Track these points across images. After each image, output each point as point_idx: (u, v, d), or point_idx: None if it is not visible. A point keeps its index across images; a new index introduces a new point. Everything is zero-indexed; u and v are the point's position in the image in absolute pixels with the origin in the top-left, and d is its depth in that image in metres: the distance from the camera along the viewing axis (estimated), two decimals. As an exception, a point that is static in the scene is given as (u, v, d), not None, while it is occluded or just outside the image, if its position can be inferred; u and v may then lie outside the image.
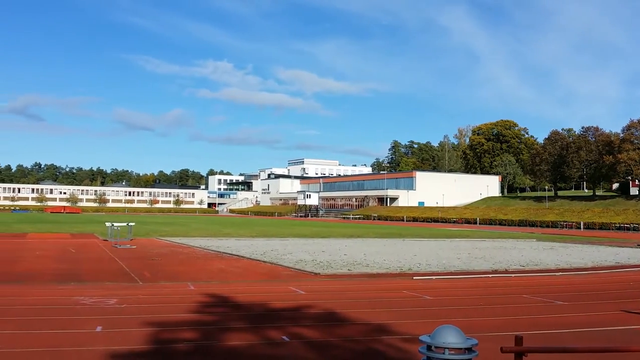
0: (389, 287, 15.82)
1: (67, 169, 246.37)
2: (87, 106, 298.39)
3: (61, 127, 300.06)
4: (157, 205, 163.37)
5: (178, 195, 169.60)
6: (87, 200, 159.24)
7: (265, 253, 25.35)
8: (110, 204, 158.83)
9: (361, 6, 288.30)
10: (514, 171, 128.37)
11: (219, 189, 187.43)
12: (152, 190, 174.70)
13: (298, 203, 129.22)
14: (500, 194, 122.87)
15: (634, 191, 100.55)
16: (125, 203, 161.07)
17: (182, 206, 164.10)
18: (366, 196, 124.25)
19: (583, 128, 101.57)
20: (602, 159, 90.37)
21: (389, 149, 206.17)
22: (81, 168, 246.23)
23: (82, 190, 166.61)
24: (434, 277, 17.82)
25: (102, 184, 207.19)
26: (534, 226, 72.63)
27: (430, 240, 39.11)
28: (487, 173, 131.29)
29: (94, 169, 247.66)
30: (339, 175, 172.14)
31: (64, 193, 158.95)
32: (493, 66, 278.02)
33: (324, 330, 9.85)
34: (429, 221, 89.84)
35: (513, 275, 19.09)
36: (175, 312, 11.41)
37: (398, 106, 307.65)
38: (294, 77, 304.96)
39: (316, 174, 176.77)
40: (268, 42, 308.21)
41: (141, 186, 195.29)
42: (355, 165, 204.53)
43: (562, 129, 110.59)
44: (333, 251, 26.87)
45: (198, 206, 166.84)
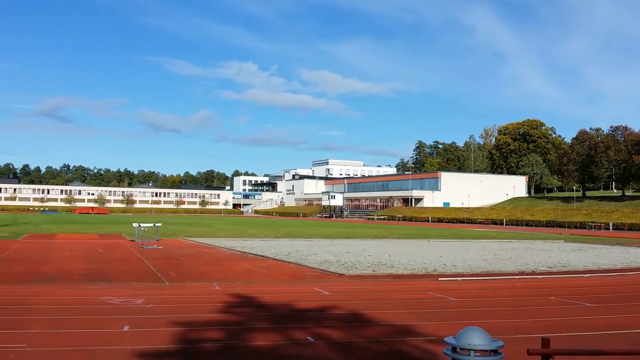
0: (414, 288, 15.76)
1: (95, 170, 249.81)
2: (115, 108, 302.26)
3: (89, 129, 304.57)
4: (183, 206, 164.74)
5: (204, 196, 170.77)
6: (115, 201, 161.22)
7: (289, 254, 25.42)
8: (137, 205, 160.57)
9: (384, 6, 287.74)
10: (541, 171, 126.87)
11: (244, 190, 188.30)
12: (178, 191, 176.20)
13: (322, 204, 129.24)
14: (527, 195, 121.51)
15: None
16: (151, 204, 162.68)
17: (208, 207, 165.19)
18: (391, 197, 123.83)
19: (612, 127, 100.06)
20: (632, 159, 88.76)
21: (414, 150, 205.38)
22: (109, 169, 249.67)
23: (110, 191, 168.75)
24: (460, 279, 17.70)
25: (130, 185, 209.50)
26: (562, 227, 71.65)
27: (455, 241, 38.84)
28: (514, 173, 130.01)
29: (122, 170, 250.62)
30: (364, 175, 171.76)
31: (92, 194, 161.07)
32: (519, 65, 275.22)
33: (349, 331, 9.85)
34: (454, 222, 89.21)
35: (540, 276, 18.87)
36: (201, 312, 11.50)
37: (423, 106, 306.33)
38: (318, 78, 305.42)
39: (340, 175, 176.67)
40: (292, 44, 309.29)
41: (167, 187, 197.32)
42: (379, 165, 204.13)
43: (590, 129, 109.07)
44: (358, 252, 26.84)
45: (223, 207, 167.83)
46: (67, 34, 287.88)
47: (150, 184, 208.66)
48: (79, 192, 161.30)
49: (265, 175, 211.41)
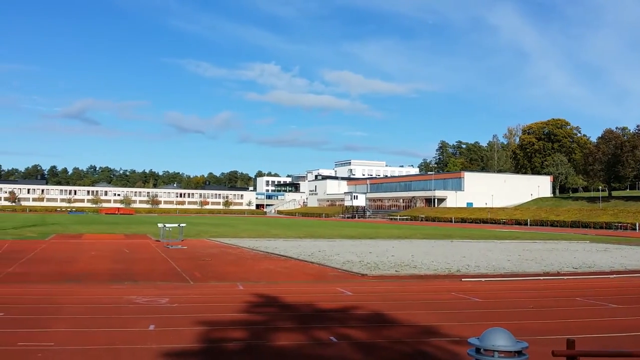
0: (437, 289, 15.70)
1: (121, 172, 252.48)
2: (140, 110, 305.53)
3: (115, 131, 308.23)
4: (207, 206, 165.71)
5: (227, 196, 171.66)
6: (140, 201, 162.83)
7: (312, 254, 25.47)
8: (162, 206, 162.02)
9: (407, 7, 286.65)
10: (566, 171, 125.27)
11: (267, 191, 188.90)
12: (202, 191, 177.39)
13: (345, 204, 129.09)
14: (551, 195, 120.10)
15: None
16: (176, 204, 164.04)
17: (231, 207, 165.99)
18: (413, 197, 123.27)
19: (638, 126, 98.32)
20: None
21: (437, 150, 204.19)
22: (134, 170, 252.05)
23: (135, 192, 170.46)
24: (483, 279, 17.58)
25: (155, 186, 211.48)
26: (587, 227, 70.67)
27: (479, 241, 38.55)
28: (538, 173, 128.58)
29: (147, 171, 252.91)
30: (386, 176, 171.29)
31: (118, 195, 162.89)
32: (543, 64, 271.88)
33: (372, 331, 9.86)
34: (478, 222, 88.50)
35: (565, 277, 18.67)
36: (225, 312, 11.59)
37: (445, 106, 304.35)
38: (341, 79, 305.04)
39: (363, 175, 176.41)
40: (314, 44, 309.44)
41: (192, 188, 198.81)
42: (402, 166, 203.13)
43: (616, 128, 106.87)
44: (380, 252, 26.79)
45: (247, 207, 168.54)
46: (94, 38, 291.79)
47: (174, 185, 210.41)
48: (105, 193, 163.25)
49: (288, 175, 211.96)
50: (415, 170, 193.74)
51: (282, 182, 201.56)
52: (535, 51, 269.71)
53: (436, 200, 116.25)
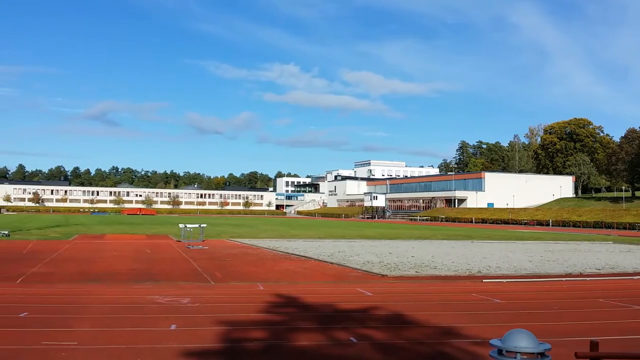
0: (458, 290, 15.61)
1: (143, 172, 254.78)
2: (161, 111, 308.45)
3: (136, 132, 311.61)
4: (227, 207, 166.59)
5: (247, 197, 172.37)
6: (162, 202, 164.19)
7: (332, 254, 25.47)
8: (183, 206, 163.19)
9: (427, 6, 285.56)
10: (589, 171, 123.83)
11: (287, 191, 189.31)
12: (223, 192, 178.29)
13: (365, 205, 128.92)
14: (573, 195, 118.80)
15: None
16: (197, 205, 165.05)
17: (251, 208, 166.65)
18: (433, 197, 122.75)
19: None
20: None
21: (457, 150, 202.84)
22: (155, 171, 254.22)
23: (157, 192, 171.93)
24: (505, 280, 17.45)
25: (176, 187, 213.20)
26: (610, 228, 69.84)
27: (500, 242, 38.25)
28: (560, 173, 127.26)
29: (168, 172, 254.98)
30: (406, 176, 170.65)
31: (140, 196, 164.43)
32: (565, 63, 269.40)
33: (392, 332, 9.84)
34: (499, 223, 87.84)
35: (588, 278, 18.45)
36: (245, 312, 11.64)
37: (466, 106, 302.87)
38: (360, 79, 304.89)
39: (383, 176, 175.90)
40: (334, 45, 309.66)
41: (212, 189, 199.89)
42: (422, 166, 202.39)
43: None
44: (400, 253, 26.70)
45: (266, 208, 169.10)
46: (115, 41, 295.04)
47: (195, 186, 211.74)
48: (127, 194, 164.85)
49: (307, 176, 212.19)
50: (435, 170, 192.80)
51: (302, 183, 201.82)
52: (556, 50, 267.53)
53: (456, 200, 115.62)
